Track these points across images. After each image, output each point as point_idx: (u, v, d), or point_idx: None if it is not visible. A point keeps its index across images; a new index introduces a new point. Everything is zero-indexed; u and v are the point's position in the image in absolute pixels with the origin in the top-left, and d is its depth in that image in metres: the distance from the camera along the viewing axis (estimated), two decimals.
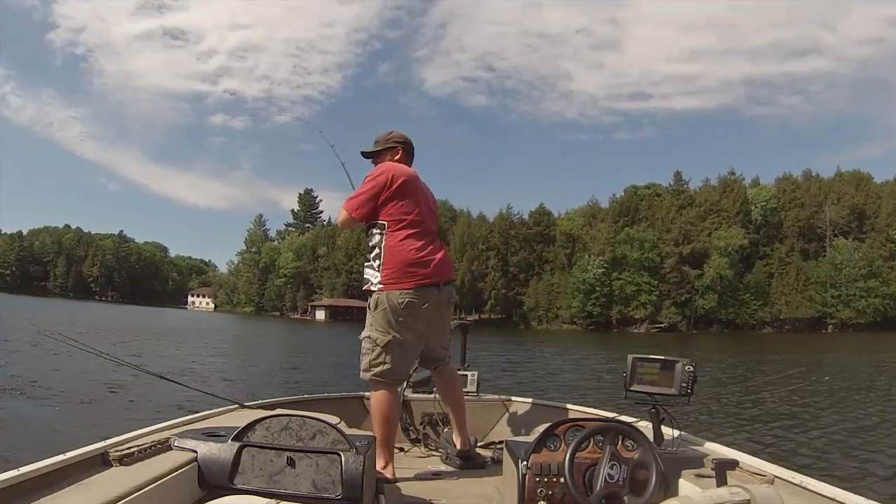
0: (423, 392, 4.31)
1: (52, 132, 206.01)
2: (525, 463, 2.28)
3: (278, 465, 2.10)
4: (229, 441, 2.16)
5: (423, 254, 3.24)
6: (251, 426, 2.19)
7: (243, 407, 3.42)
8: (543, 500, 2.23)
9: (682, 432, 2.70)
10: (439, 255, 3.33)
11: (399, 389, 3.47)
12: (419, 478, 3.28)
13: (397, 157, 3.51)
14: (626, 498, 2.11)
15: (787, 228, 78.29)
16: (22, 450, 6.22)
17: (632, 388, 2.64)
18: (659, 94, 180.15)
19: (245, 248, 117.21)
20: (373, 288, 3.25)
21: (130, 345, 22.12)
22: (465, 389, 4.08)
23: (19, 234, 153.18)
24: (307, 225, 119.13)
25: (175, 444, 2.25)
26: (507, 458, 2.57)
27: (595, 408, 4.00)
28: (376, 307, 3.22)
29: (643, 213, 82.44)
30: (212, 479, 2.13)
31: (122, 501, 1.73)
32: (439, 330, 3.45)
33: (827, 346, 40.42)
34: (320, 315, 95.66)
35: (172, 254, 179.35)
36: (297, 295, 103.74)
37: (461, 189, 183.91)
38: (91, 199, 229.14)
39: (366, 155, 3.61)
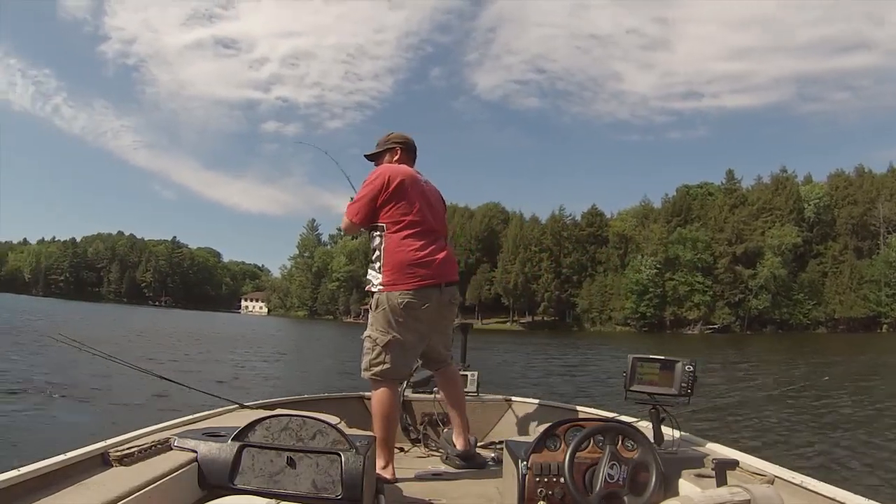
0: (423, 392, 4.50)
1: (106, 141, 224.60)
2: (525, 463, 2.37)
3: (278, 465, 2.19)
4: (229, 441, 2.25)
5: (422, 254, 3.36)
6: (251, 426, 2.28)
7: (243, 407, 3.56)
8: (543, 500, 2.31)
9: (682, 432, 2.80)
10: (441, 256, 3.43)
11: (399, 389, 3.64)
12: (419, 478, 3.40)
13: (396, 158, 3.67)
14: (626, 498, 2.19)
15: (841, 226, 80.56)
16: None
17: (632, 388, 2.76)
18: (710, 92, 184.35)
19: (298, 252, 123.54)
20: (373, 289, 3.41)
21: (176, 349, 23.41)
22: (465, 389, 4.18)
23: (73, 240, 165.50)
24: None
25: (175, 444, 2.35)
26: (507, 458, 2.67)
27: (595, 408, 4.17)
28: (377, 307, 3.38)
29: (696, 212, 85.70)
30: (212, 479, 2.22)
31: (122, 501, 1.79)
32: (441, 331, 3.58)
33: (882, 345, 42.44)
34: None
35: (226, 259, 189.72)
36: (350, 298, 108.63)
37: (514, 191, 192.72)
38: (145, 206, 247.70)
39: (368, 157, 3.79)
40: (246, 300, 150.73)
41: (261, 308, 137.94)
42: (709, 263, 80.00)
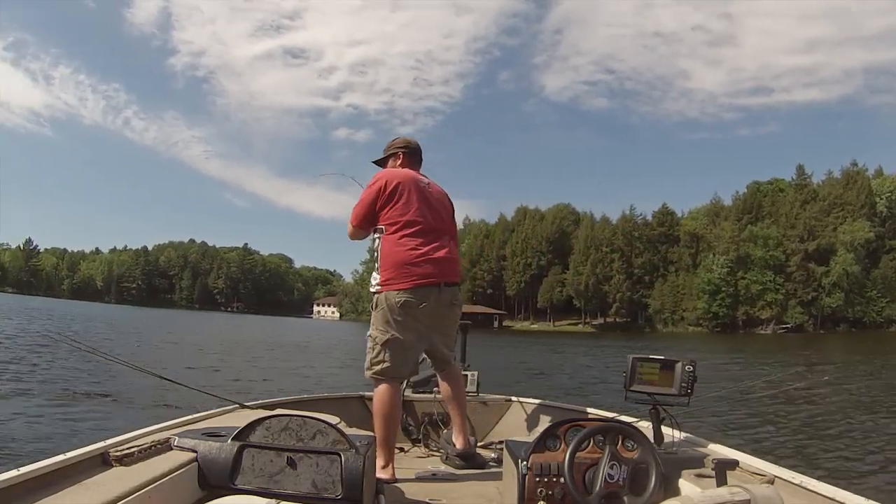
0: (423, 392, 4.78)
1: (177, 151, 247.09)
2: (525, 463, 2.46)
3: (278, 465, 2.28)
4: (229, 441, 2.35)
5: (418, 253, 3.58)
6: (251, 426, 2.38)
7: (243, 407, 3.71)
8: (543, 500, 2.41)
9: (682, 432, 2.95)
10: (439, 255, 3.64)
11: (400, 389, 3.78)
12: (419, 478, 3.55)
13: (399, 163, 3.97)
14: (626, 498, 2.29)
15: None
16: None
17: (632, 388, 2.88)
18: (779, 87, 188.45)
19: (369, 256, 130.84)
20: (373, 289, 3.68)
21: (252, 355, 24.49)
22: (465, 389, 4.34)
23: (144, 249, 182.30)
24: None
25: (175, 444, 2.44)
26: (507, 458, 2.80)
27: (595, 408, 4.32)
28: (376, 307, 3.63)
29: (766, 209, 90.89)
30: (212, 479, 2.32)
31: (122, 501, 1.86)
32: (442, 331, 3.78)
33: None
34: None
35: (298, 265, 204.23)
36: None
37: (584, 192, 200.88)
38: (217, 214, 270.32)
39: (375, 163, 4.11)
40: (318, 305, 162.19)
41: (333, 313, 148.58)
42: (780, 261, 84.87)
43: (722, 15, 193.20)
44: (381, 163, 4.10)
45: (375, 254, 3.73)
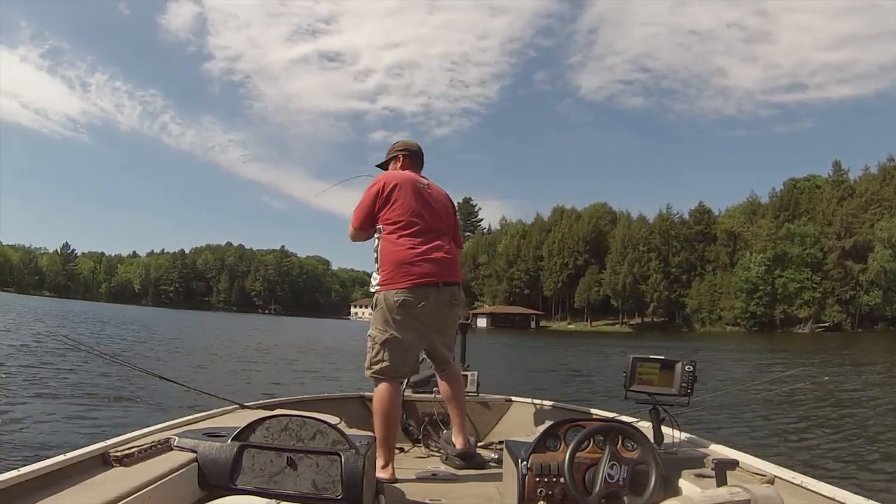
0: (423, 392, 4.89)
1: (214, 156, 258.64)
2: (525, 463, 2.53)
3: (278, 466, 2.34)
4: (229, 441, 2.42)
5: (416, 252, 3.73)
6: (251, 426, 2.44)
7: (243, 407, 3.81)
8: (543, 500, 2.47)
9: (682, 432, 3.04)
10: (438, 255, 3.77)
11: (400, 388, 3.89)
12: (419, 478, 3.62)
13: (400, 165, 4.17)
14: (626, 498, 2.35)
15: None
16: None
17: (632, 388, 2.98)
18: (815, 84, 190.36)
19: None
20: (372, 289, 3.83)
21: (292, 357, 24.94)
22: (465, 389, 4.43)
23: (181, 252, 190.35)
24: (467, 233, 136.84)
25: (175, 444, 2.51)
26: (507, 458, 2.87)
27: (595, 408, 4.46)
28: (375, 306, 3.79)
29: (803, 206, 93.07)
30: (212, 479, 2.38)
31: (122, 501, 1.91)
32: (442, 331, 3.91)
33: None
34: (482, 323, 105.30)
35: (335, 267, 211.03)
36: None
37: (620, 191, 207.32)
38: (254, 216, 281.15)
39: (378, 167, 4.31)
40: (355, 307, 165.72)
41: (370, 314, 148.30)
42: (818, 259, 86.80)
43: (757, 11, 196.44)
44: (384, 166, 4.28)
45: (375, 255, 3.84)
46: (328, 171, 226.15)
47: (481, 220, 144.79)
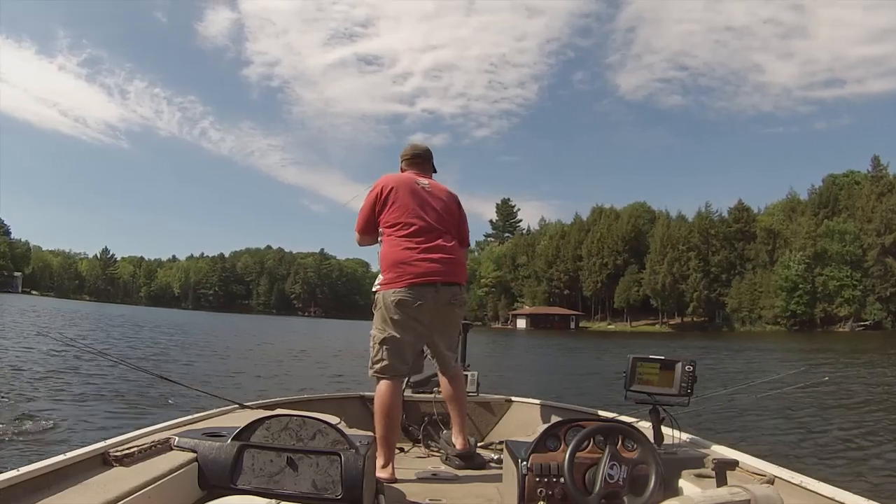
0: (423, 392, 5.10)
1: (254, 160, 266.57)
2: (525, 463, 2.59)
3: (278, 466, 2.40)
4: (229, 441, 2.48)
5: (412, 253, 3.92)
6: (251, 426, 2.50)
7: (243, 407, 3.94)
8: (543, 500, 2.53)
9: (682, 432, 3.15)
10: (436, 255, 3.94)
11: (400, 387, 4.01)
12: (419, 478, 3.74)
13: (404, 169, 4.45)
14: (625, 498, 2.41)
15: None
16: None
17: (632, 388, 3.10)
18: (852, 78, 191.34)
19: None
20: (374, 289, 4.05)
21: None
22: (465, 390, 4.53)
23: (221, 256, 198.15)
24: (506, 234, 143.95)
25: (175, 444, 2.58)
26: (507, 458, 2.96)
27: (595, 408, 4.55)
28: (376, 307, 3.98)
29: (843, 202, 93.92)
30: (212, 479, 2.45)
31: (122, 501, 1.96)
32: (442, 331, 4.08)
33: None
34: (521, 324, 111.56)
35: (374, 269, 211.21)
36: (499, 304, 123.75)
37: (660, 190, 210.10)
38: (294, 220, 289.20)
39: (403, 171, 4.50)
40: None
41: None
42: (858, 256, 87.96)
43: (793, 6, 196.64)
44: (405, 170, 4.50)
45: (378, 256, 4.11)
46: (367, 174, 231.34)
47: (520, 220, 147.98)
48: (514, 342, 55.47)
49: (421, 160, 4.46)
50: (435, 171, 4.58)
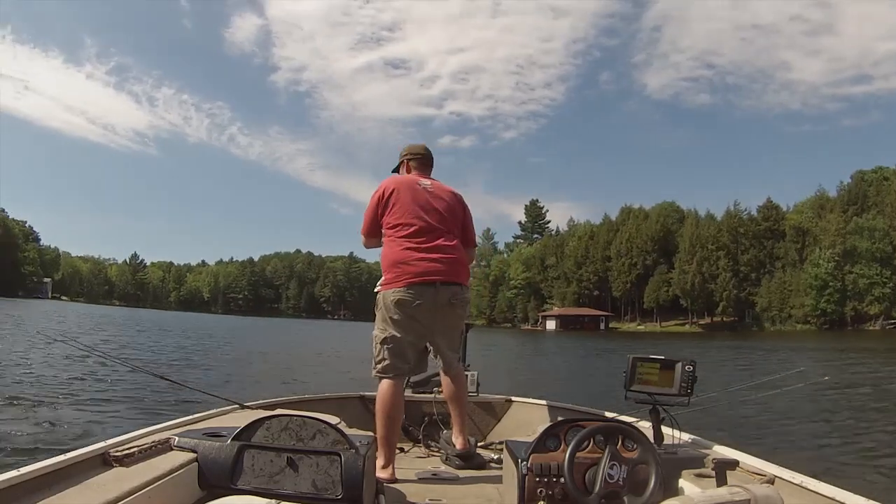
0: (424, 392, 5.21)
1: (282, 165, 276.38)
2: (525, 463, 2.63)
3: (278, 466, 2.44)
4: (229, 441, 2.53)
5: (412, 253, 4.04)
6: (251, 426, 2.55)
7: (243, 407, 4.04)
8: (543, 500, 2.57)
9: (682, 432, 3.22)
10: (436, 255, 4.05)
11: (401, 387, 4.11)
12: (419, 478, 3.80)
13: (406, 169, 4.57)
14: (625, 498, 2.45)
15: None
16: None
17: (632, 388, 3.18)
18: (880, 74, 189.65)
19: (475, 261, 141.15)
20: (375, 290, 4.17)
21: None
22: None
23: (250, 260, 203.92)
24: (535, 235, 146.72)
25: (175, 444, 2.63)
26: (507, 458, 3.01)
27: (595, 408, 4.68)
28: (377, 307, 4.12)
29: (872, 199, 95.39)
30: (212, 479, 2.49)
31: (122, 501, 2.01)
32: (444, 331, 4.18)
33: None
34: (551, 325, 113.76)
35: None
36: (528, 305, 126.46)
37: (688, 189, 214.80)
38: (323, 224, 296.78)
39: (394, 171, 4.68)
40: None
41: None
42: (887, 253, 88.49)
43: (819, 3, 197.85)
44: (396, 171, 4.68)
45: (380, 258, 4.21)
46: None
47: (549, 221, 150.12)
48: (543, 344, 55.97)
49: (423, 160, 4.60)
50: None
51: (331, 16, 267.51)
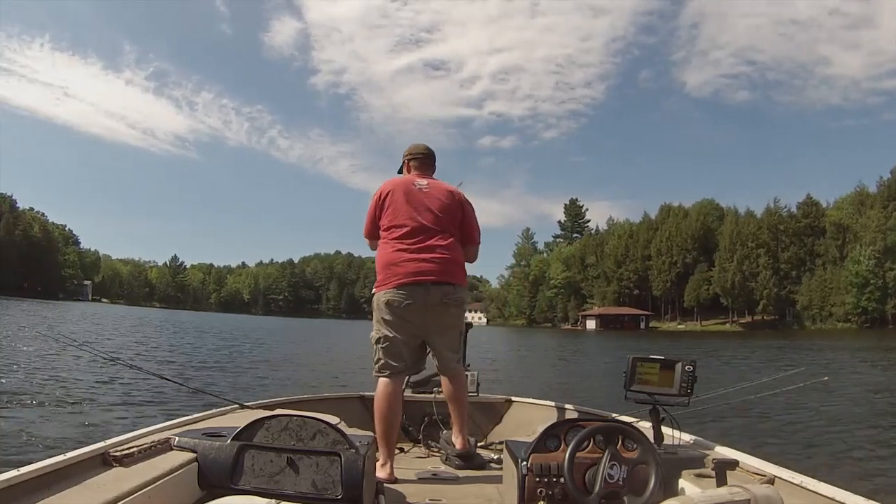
0: (424, 392, 5.27)
1: (323, 167, 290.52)
2: (525, 463, 2.67)
3: (278, 466, 2.49)
4: (229, 441, 2.58)
5: (400, 254, 4.17)
6: (251, 426, 2.60)
7: (243, 407, 4.12)
8: (543, 500, 2.61)
9: (682, 432, 3.27)
10: (427, 255, 4.15)
11: (398, 386, 4.20)
12: (419, 478, 3.88)
13: (407, 170, 4.70)
14: (626, 498, 2.49)
15: None
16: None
17: (632, 388, 3.25)
18: None
19: (515, 261, 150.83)
20: (372, 292, 4.33)
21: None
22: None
23: (290, 262, 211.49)
24: (574, 235, 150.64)
25: (175, 444, 2.69)
26: (507, 458, 3.06)
27: (595, 408, 4.73)
28: (372, 309, 4.29)
29: None
30: (212, 479, 2.54)
31: (122, 501, 2.04)
32: (438, 331, 4.27)
33: None
34: (591, 325, 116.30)
35: None
36: (569, 305, 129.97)
37: (728, 187, 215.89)
38: (363, 225, 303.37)
39: (398, 172, 4.80)
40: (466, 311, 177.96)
41: (480, 318, 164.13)
42: None
43: None
44: (399, 172, 4.80)
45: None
46: (438, 178, 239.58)
47: (588, 221, 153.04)
48: (583, 344, 55.33)
49: (424, 159, 4.70)
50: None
51: (369, 18, 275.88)
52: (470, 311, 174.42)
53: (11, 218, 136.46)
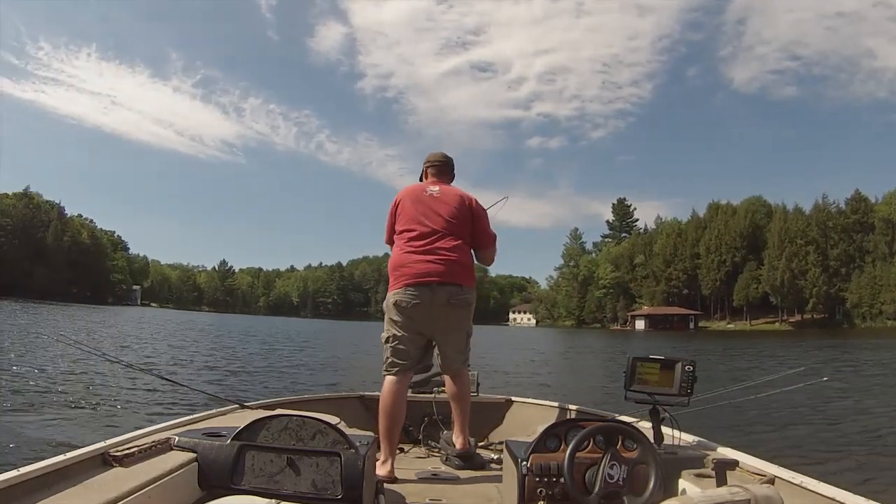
0: (424, 392, 5.37)
1: (372, 171, 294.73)
2: (525, 463, 2.74)
3: (278, 466, 2.55)
4: (229, 441, 2.65)
5: (408, 256, 4.38)
6: (251, 426, 2.67)
7: (243, 407, 4.21)
8: (543, 500, 2.67)
9: (682, 432, 3.36)
10: (432, 256, 4.33)
11: (403, 385, 4.35)
12: (419, 478, 3.96)
13: (425, 177, 4.96)
14: (625, 498, 2.56)
15: None
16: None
17: (632, 388, 3.32)
18: None
19: (563, 262, 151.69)
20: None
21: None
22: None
23: (339, 265, 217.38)
24: (623, 234, 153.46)
25: (175, 444, 2.75)
26: (507, 458, 3.13)
27: (595, 408, 4.86)
28: (384, 310, 4.52)
29: None
30: (212, 479, 2.60)
31: (122, 501, 2.09)
32: (444, 331, 4.46)
33: None
34: (640, 325, 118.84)
35: (493, 274, 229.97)
36: (618, 305, 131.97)
37: (777, 184, 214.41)
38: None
39: (419, 179, 5.04)
40: (514, 312, 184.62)
41: (528, 319, 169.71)
42: None
43: None
44: (422, 178, 5.02)
45: None
46: (486, 180, 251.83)
47: (637, 220, 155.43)
48: (632, 345, 55.47)
49: (441, 166, 4.94)
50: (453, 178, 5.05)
51: (415, 22, 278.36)
52: (519, 313, 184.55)
53: (60, 224, 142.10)
